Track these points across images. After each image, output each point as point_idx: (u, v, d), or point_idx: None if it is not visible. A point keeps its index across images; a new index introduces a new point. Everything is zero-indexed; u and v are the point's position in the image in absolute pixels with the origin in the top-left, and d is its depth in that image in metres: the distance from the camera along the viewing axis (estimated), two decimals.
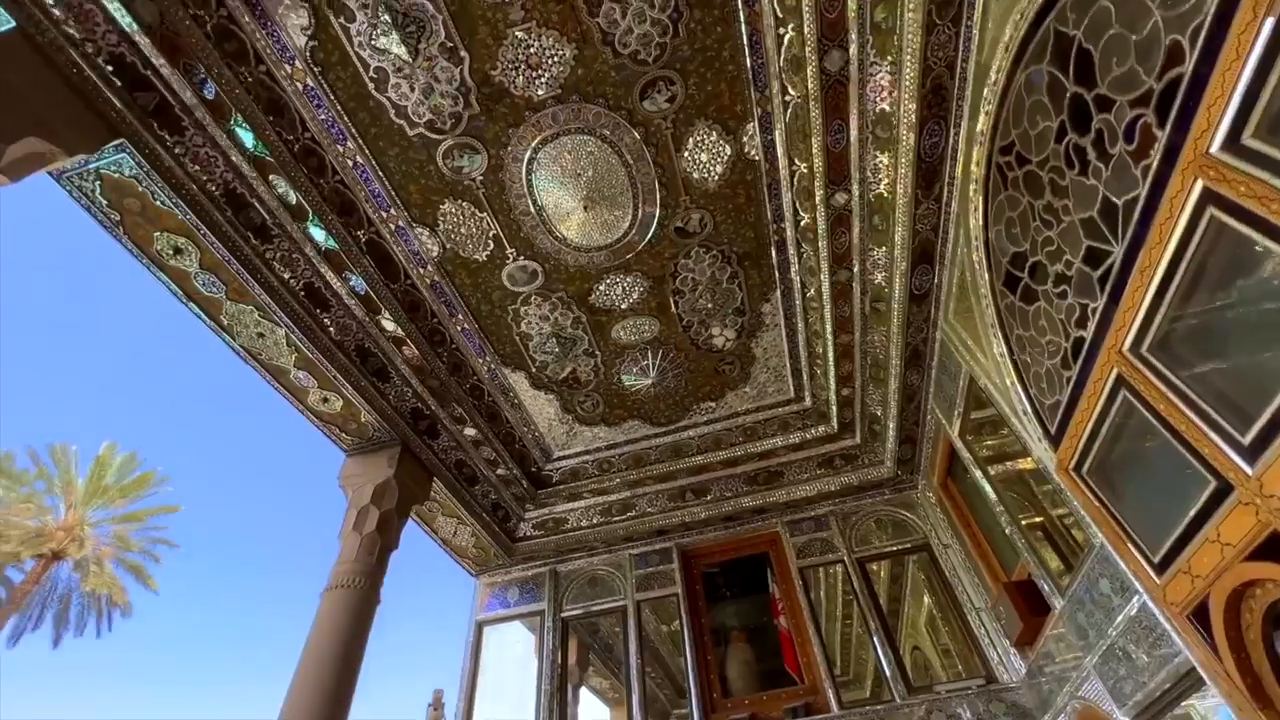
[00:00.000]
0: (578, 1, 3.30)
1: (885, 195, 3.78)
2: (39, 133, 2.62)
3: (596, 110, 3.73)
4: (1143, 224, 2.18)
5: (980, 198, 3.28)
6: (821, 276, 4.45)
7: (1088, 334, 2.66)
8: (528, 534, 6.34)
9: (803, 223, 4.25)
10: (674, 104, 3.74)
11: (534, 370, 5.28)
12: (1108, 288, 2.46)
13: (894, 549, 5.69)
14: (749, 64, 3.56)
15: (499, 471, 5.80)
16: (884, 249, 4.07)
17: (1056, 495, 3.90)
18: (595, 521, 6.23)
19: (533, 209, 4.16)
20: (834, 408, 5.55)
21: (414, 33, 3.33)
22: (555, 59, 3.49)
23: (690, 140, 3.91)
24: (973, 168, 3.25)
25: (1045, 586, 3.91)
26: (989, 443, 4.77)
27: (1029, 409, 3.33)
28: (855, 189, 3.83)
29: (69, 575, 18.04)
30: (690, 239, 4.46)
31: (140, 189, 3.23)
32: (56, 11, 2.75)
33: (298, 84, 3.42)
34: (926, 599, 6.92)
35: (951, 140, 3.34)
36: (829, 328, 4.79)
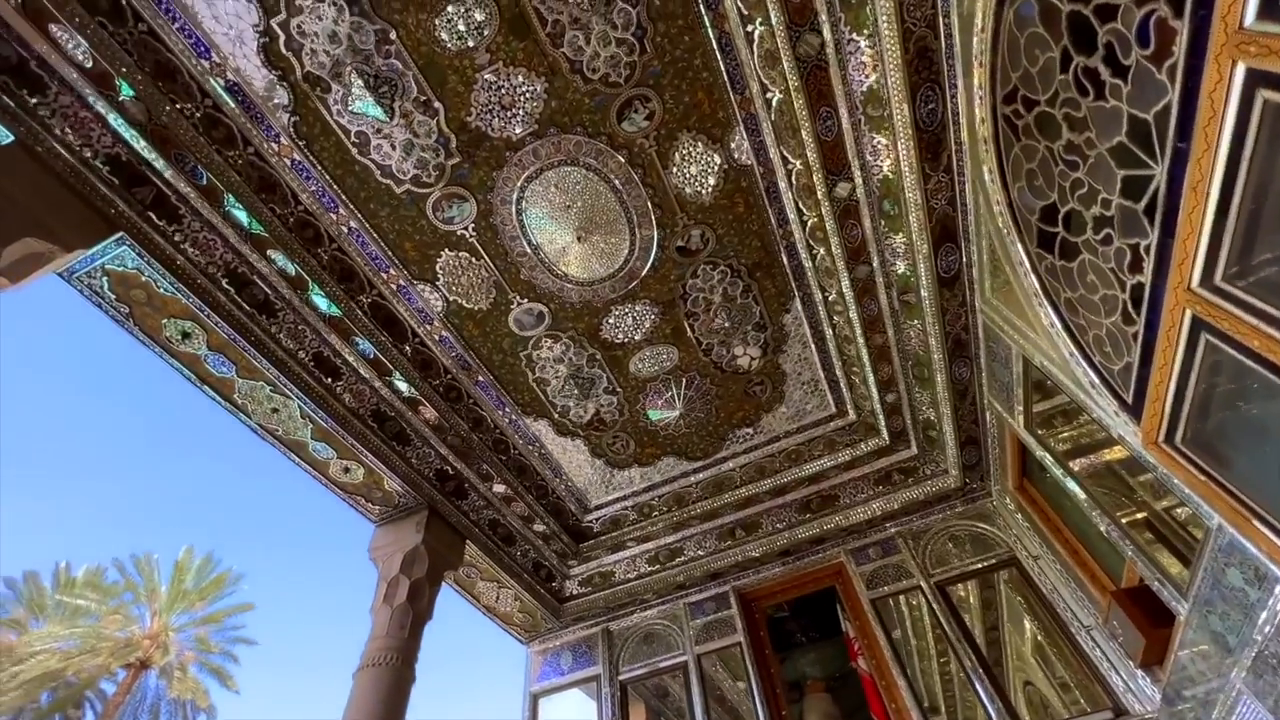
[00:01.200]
0: (541, 35, 3.31)
1: (890, 177, 3.53)
2: (36, 233, 2.73)
3: (576, 140, 3.69)
4: (1182, 133, 1.87)
5: (993, 156, 2.99)
6: (840, 276, 4.18)
7: (1146, 278, 2.29)
8: (574, 592, 6.01)
9: (810, 222, 4.02)
10: (653, 121, 3.66)
11: (556, 416, 5.11)
12: (1157, 218, 2.12)
13: (977, 567, 5.06)
14: (723, 68, 3.46)
15: (536, 528, 5.56)
16: (901, 235, 3.78)
17: (1158, 485, 3.36)
18: (643, 571, 5.85)
19: (529, 249, 4.11)
20: (881, 418, 5.12)
21: (387, 93, 3.40)
22: (527, 95, 3.49)
23: (676, 155, 3.81)
24: (978, 127, 2.99)
25: (1162, 590, 3.31)
26: (1065, 434, 4.23)
27: (1095, 380, 2.90)
28: (858, 176, 3.60)
29: (156, 683, 18.48)
30: (694, 257, 4.29)
31: (144, 279, 3.33)
32: (54, 123, 2.92)
33: (285, 160, 3.51)
34: (1027, 623, 6.11)
35: (949, 103, 3.10)
36: (858, 330, 4.46)
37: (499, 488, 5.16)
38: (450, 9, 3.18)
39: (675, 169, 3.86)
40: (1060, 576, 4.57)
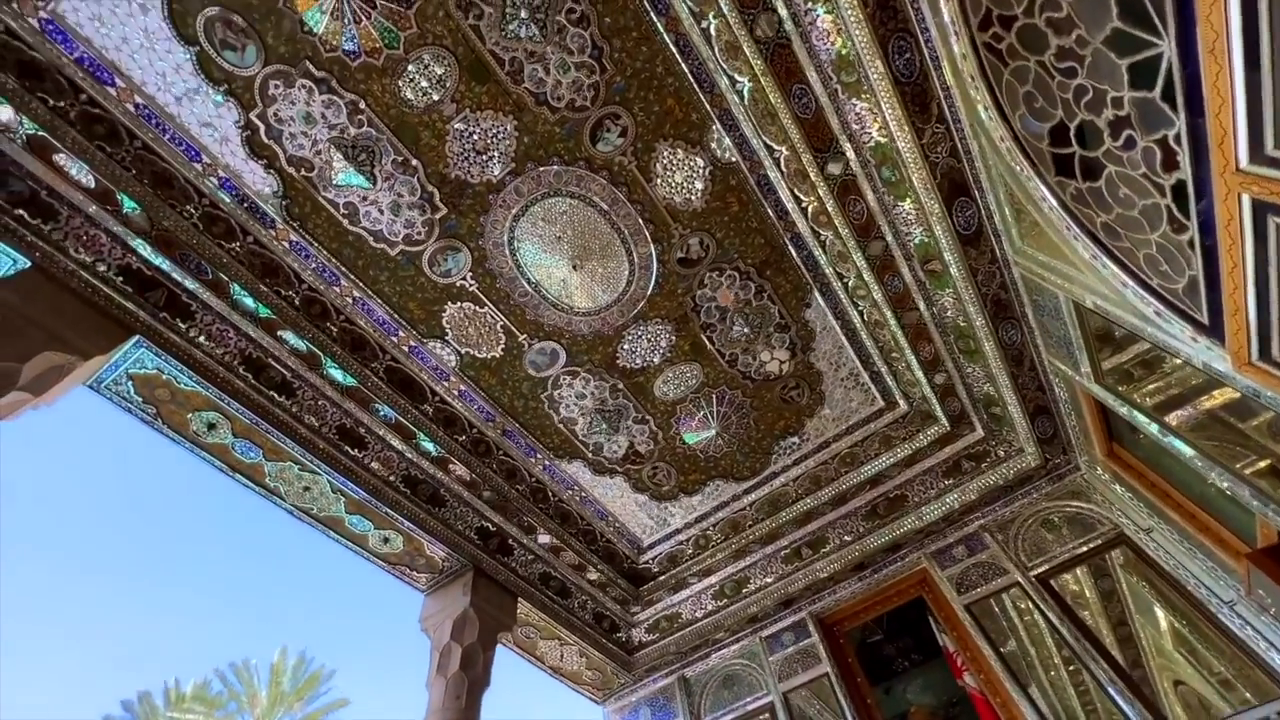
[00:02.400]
0: (500, 75, 3.35)
1: (882, 141, 3.33)
2: (55, 347, 2.86)
3: (555, 170, 3.67)
4: None
5: (984, 91, 2.76)
6: (854, 257, 3.93)
7: (1185, 172, 1.99)
8: (642, 640, 5.67)
9: (810, 207, 3.83)
10: (628, 137, 3.62)
11: (590, 455, 4.95)
12: (1179, 99, 1.84)
13: (1081, 551, 4.47)
14: (687, 70, 3.40)
15: (590, 576, 5.32)
16: (908, 200, 3.54)
17: (1277, 424, 2.88)
18: (711, 608, 5.48)
19: (529, 288, 4.07)
20: (935, 402, 4.72)
21: (366, 160, 3.50)
22: (498, 136, 3.52)
23: (658, 166, 3.73)
24: (960, 64, 2.78)
25: None
26: (1150, 386, 3.75)
27: (1160, 307, 2.53)
28: (848, 149, 3.42)
29: None
30: (697, 266, 4.15)
31: (165, 378, 3.45)
32: (67, 244, 3.11)
33: (283, 243, 3.64)
34: (1159, 611, 5.32)
35: (925, 49, 2.91)
36: (887, 311, 4.17)
37: (544, 538, 4.99)
38: (410, 68, 3.27)
39: (659, 180, 3.79)
40: (1182, 548, 3.96)
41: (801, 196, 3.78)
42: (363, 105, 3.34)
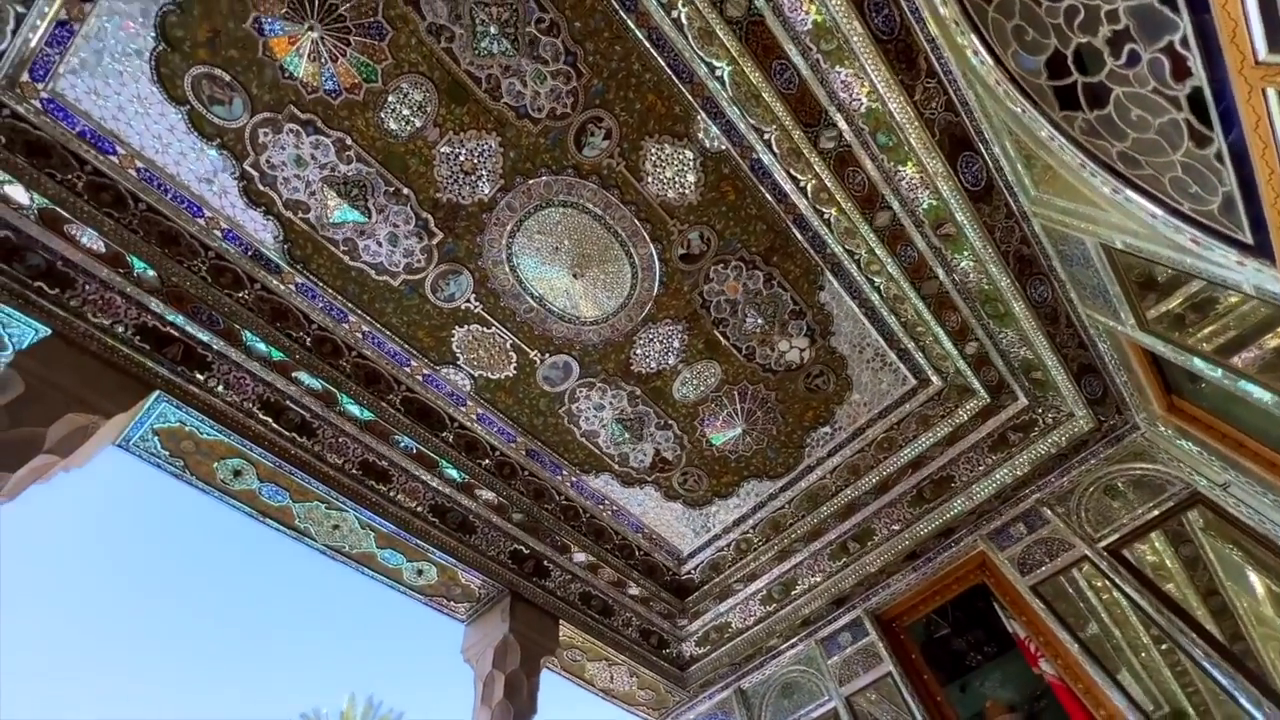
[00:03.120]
0: (479, 94, 3.37)
1: (873, 106, 3.20)
2: (78, 408, 2.95)
3: (544, 181, 3.66)
4: None
5: (971, 34, 2.62)
6: (862, 231, 3.78)
7: (1199, 78, 1.82)
8: (693, 654, 5.48)
9: (808, 185, 3.71)
10: (613, 139, 3.58)
11: (617, 467, 4.85)
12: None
13: (1152, 516, 4.12)
14: (663, 62, 3.36)
15: (631, 592, 5.19)
16: (909, 164, 3.39)
17: None
18: (760, 614, 5.26)
19: (533, 303, 4.04)
20: (970, 374, 4.47)
21: (359, 195, 3.55)
22: (484, 154, 3.53)
23: (647, 164, 3.68)
24: (942, 10, 2.65)
25: None
26: (1207, 330, 3.46)
27: (1196, 233, 2.32)
28: (838, 119, 3.30)
29: None
30: (701, 261, 4.06)
31: (188, 429, 3.52)
32: (85, 310, 3.23)
33: (290, 286, 3.71)
34: (1252, 575, 4.87)
35: (903, 2, 2.79)
36: (905, 284, 3.98)
37: (580, 556, 4.89)
38: (390, 99, 3.31)
39: (650, 178, 3.73)
40: (1266, 500, 3.61)
41: (798, 175, 3.67)
42: (349, 142, 3.39)
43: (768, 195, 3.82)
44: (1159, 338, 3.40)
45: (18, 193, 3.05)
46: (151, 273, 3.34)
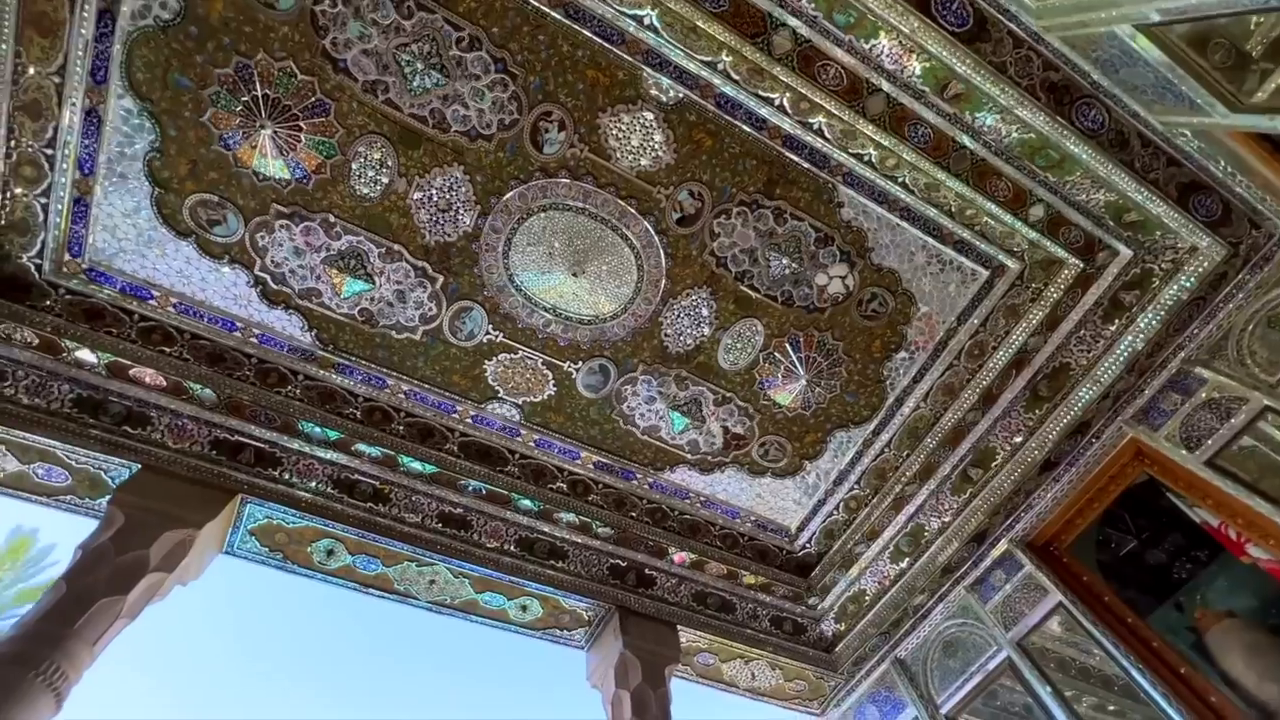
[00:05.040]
0: (429, 131, 3.43)
1: None
2: (172, 525, 3.24)
3: (517, 193, 3.63)
4: None
5: None
6: (861, 128, 3.40)
7: None
8: (834, 632, 5.03)
9: (782, 100, 3.39)
10: (568, 128, 3.50)
11: (689, 457, 4.63)
12: None
13: None
14: (590, 33, 3.23)
15: (746, 581, 4.89)
16: (882, 33, 3.01)
17: None
18: (894, 573, 4.75)
19: (548, 315, 3.99)
20: (1048, 242, 3.83)
21: (357, 264, 3.71)
22: (453, 187, 3.57)
23: (610, 140, 3.55)
24: None
25: None
26: None
27: None
28: (787, 18, 3.02)
29: None
30: (699, 219, 3.83)
31: (275, 522, 3.78)
32: (165, 440, 3.58)
33: (327, 369, 3.92)
34: None
35: None
36: (931, 168, 3.52)
37: (680, 556, 4.69)
38: (354, 166, 3.45)
39: (618, 153, 3.59)
40: None
41: (768, 94, 3.37)
42: (333, 219, 3.56)
43: (745, 127, 3.54)
44: (1266, 112, 2.72)
45: (86, 355, 3.47)
46: (208, 391, 3.66)
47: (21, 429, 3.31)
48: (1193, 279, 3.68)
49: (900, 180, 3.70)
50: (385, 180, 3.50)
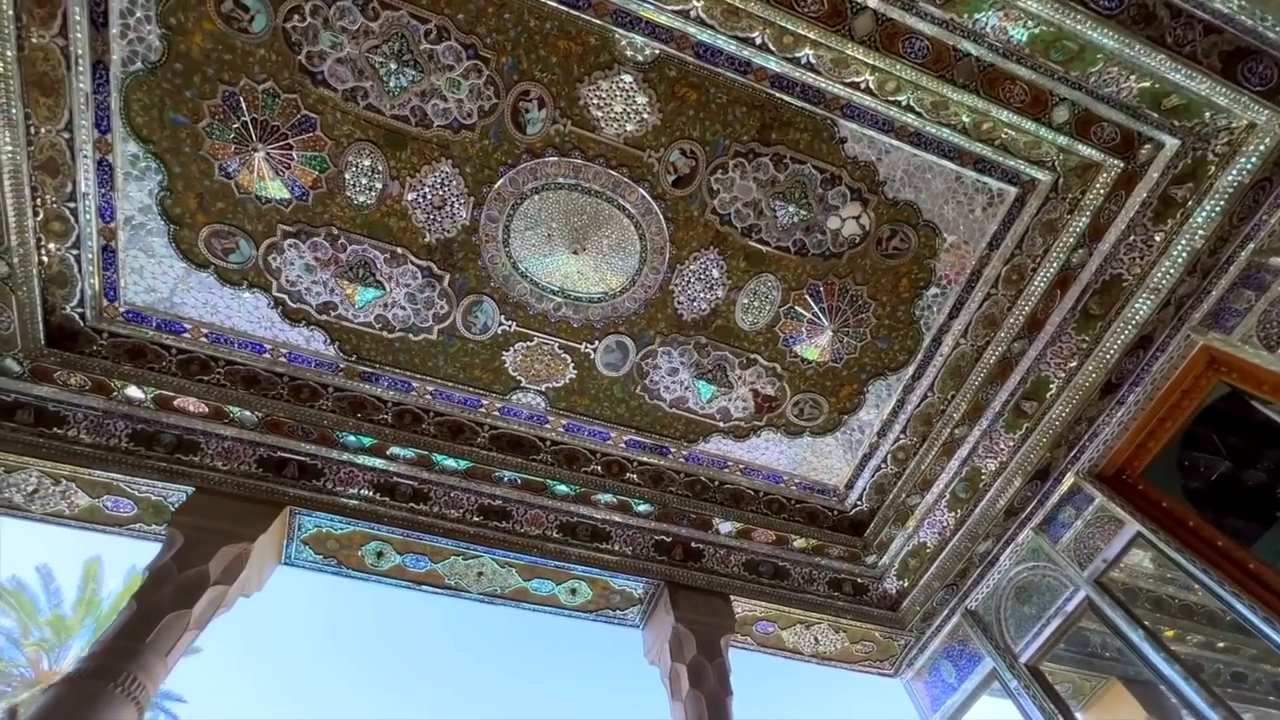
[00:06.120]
0: (413, 130, 3.45)
1: None
2: (227, 540, 3.41)
3: (507, 179, 3.61)
4: None
5: None
6: (851, 52, 3.19)
7: None
8: (899, 589, 4.83)
9: (766, 39, 3.22)
10: (548, 104, 3.44)
11: (722, 425, 4.53)
12: None
13: None
14: (556, 3, 3.17)
15: (797, 544, 4.75)
16: None
17: None
18: (953, 522, 4.51)
19: (557, 298, 3.97)
20: (1080, 144, 3.50)
21: (366, 273, 3.78)
22: (444, 182, 3.58)
23: (592, 109, 3.47)
24: None
25: None
26: None
27: None
28: None
29: None
30: (695, 178, 3.70)
31: (324, 530, 3.93)
32: (215, 462, 3.78)
33: (354, 379, 4.04)
34: None
35: None
36: (934, 84, 3.27)
37: (726, 526, 4.60)
38: (347, 176, 3.51)
39: (602, 122, 3.51)
40: None
41: (747, 34, 3.21)
42: (336, 231, 3.65)
43: (728, 73, 3.39)
44: None
45: (134, 391, 3.70)
46: (248, 413, 3.84)
47: (87, 466, 3.57)
48: (1254, 159, 3.28)
49: (904, 103, 3.46)
50: (379, 186, 3.55)
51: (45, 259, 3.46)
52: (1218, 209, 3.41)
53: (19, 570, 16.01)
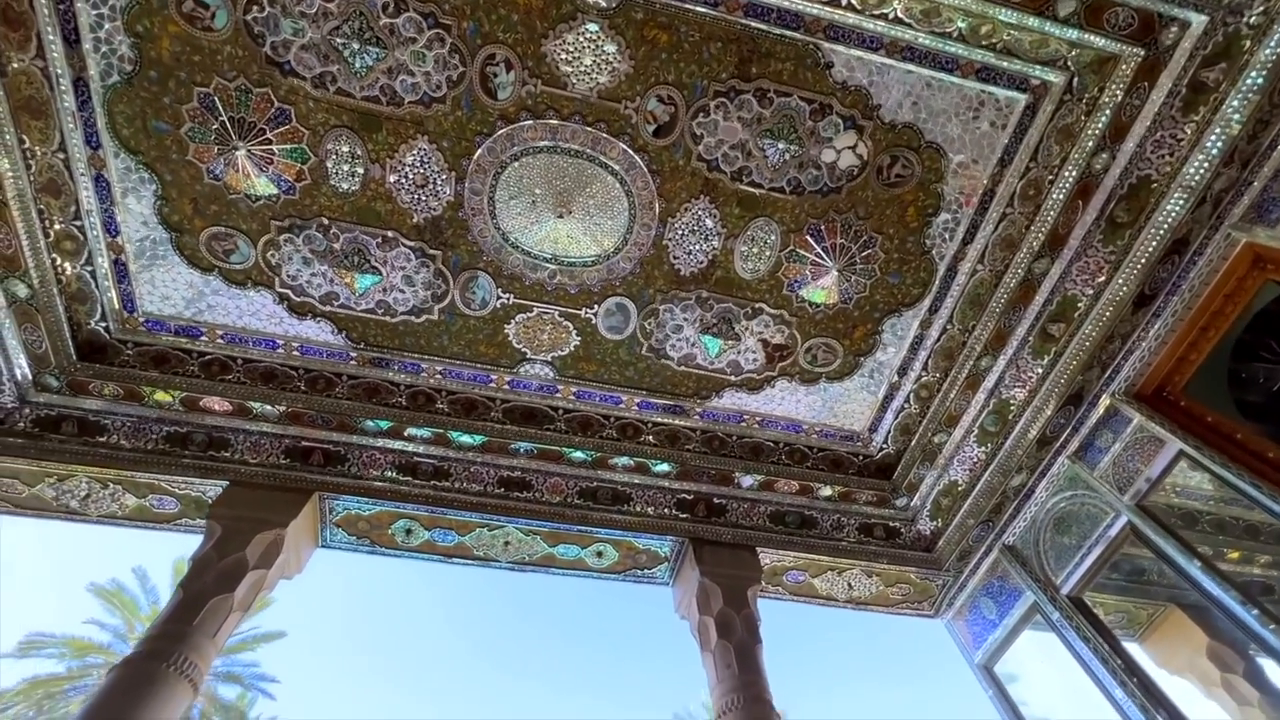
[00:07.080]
0: (385, 110, 3.42)
1: None
2: (262, 528, 3.59)
3: (485, 148, 3.57)
4: None
5: None
6: None
7: None
8: (932, 529, 4.72)
9: None
10: (515, 67, 3.36)
11: (733, 378, 4.45)
12: None
13: None
14: None
15: (824, 494, 4.68)
16: None
17: None
18: (984, 457, 4.34)
19: (552, 265, 3.94)
20: (1093, 36, 3.19)
21: (362, 260, 3.84)
22: (424, 160, 3.56)
23: (561, 66, 3.37)
24: None
25: None
26: None
27: None
28: None
29: None
30: (676, 125, 3.57)
31: (354, 512, 4.08)
32: (245, 455, 3.96)
33: (365, 368, 4.13)
34: None
35: None
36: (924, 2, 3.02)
37: (748, 480, 4.57)
38: (329, 164, 3.53)
39: (573, 77, 3.40)
40: None
41: None
42: (326, 220, 3.69)
43: (698, 8, 3.22)
44: None
45: (163, 395, 3.88)
46: (269, 407, 3.99)
47: (130, 469, 3.79)
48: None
49: (890, 15, 3.21)
50: (361, 171, 3.56)
51: (63, 278, 3.63)
52: (1256, 88, 3.06)
53: (117, 573, 17.43)
